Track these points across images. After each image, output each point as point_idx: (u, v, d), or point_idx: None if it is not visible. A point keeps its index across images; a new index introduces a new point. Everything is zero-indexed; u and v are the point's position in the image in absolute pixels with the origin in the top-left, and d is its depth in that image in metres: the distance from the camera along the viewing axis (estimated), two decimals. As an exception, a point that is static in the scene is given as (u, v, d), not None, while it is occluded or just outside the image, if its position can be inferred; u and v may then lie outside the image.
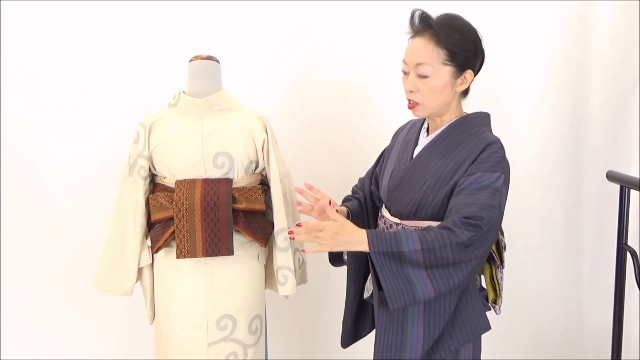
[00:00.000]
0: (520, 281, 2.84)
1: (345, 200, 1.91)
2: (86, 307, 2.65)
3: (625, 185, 2.23)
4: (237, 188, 1.96)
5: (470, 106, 2.71)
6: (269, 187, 2.03)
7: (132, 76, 2.56)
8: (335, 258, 1.86)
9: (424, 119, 1.76)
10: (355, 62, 2.63)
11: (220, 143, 1.95)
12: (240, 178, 1.99)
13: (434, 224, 1.57)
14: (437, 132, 1.69)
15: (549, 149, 2.76)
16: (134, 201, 2.00)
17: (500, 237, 1.74)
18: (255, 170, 2.03)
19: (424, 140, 1.72)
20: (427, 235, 1.48)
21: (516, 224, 2.81)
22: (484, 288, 1.73)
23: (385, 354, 1.65)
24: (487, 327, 1.65)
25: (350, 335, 1.91)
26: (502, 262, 1.73)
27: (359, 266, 1.82)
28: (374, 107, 2.67)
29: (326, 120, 2.68)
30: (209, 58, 2.01)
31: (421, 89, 1.61)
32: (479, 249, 1.52)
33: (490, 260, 1.72)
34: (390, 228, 1.70)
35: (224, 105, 1.98)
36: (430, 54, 1.58)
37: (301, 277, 2.13)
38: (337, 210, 1.69)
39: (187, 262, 1.96)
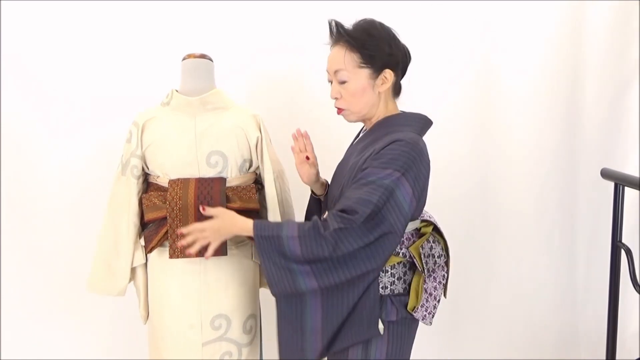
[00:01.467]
0: (515, 279, 2.85)
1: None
2: (79, 307, 2.65)
3: (620, 182, 2.23)
4: (230, 187, 1.96)
5: (466, 105, 2.72)
6: (262, 186, 2.02)
7: (125, 75, 2.56)
8: None
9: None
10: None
11: (214, 142, 1.94)
12: (234, 177, 1.98)
13: None
14: (363, 132, 1.77)
15: (543, 147, 2.76)
16: (127, 201, 1.99)
17: (431, 244, 1.72)
18: (249, 169, 2.02)
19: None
20: (305, 225, 1.54)
21: (511, 222, 2.82)
22: (407, 293, 1.71)
23: (286, 348, 1.68)
24: (375, 334, 1.64)
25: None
26: (424, 269, 1.70)
27: None
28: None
29: (320, 118, 2.67)
30: (202, 56, 2.00)
31: (343, 95, 1.69)
32: (354, 243, 1.51)
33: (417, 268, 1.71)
34: None
35: (218, 104, 1.97)
36: (344, 60, 1.66)
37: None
38: (317, 173, 1.83)
39: (181, 262, 1.95)
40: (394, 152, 1.56)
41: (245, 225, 1.62)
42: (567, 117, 2.76)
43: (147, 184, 2.04)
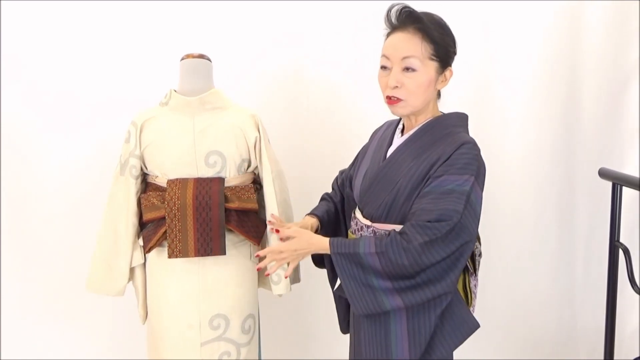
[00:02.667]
0: (513, 280, 2.85)
1: (322, 199, 1.91)
2: (78, 307, 2.64)
3: (618, 182, 2.24)
4: (229, 187, 1.96)
5: (463, 104, 2.71)
6: (261, 186, 2.02)
7: (123, 75, 2.56)
8: (317, 261, 1.85)
9: (399, 119, 1.73)
10: (347, 61, 2.63)
11: (212, 142, 1.94)
12: (233, 177, 1.98)
13: None
14: (411, 132, 1.65)
15: (541, 147, 2.76)
16: (125, 201, 1.99)
17: (477, 244, 1.69)
18: (247, 169, 2.02)
19: (398, 141, 1.68)
20: (382, 239, 1.49)
21: (508, 222, 2.82)
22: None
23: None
24: (476, 325, 1.63)
25: (347, 324, 1.88)
26: (475, 270, 1.70)
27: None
28: (366, 106, 2.66)
29: (318, 118, 2.68)
30: (201, 56, 2.00)
31: (406, 84, 1.56)
32: (440, 253, 1.47)
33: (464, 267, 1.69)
34: (362, 230, 1.67)
35: (216, 104, 1.97)
36: (418, 47, 1.55)
37: (295, 276, 2.13)
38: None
39: (180, 262, 1.95)
40: (467, 157, 1.52)
41: (321, 244, 1.57)
42: (565, 117, 2.76)
43: (146, 184, 2.04)
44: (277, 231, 1.63)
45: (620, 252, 2.22)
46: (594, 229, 2.81)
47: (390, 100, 1.59)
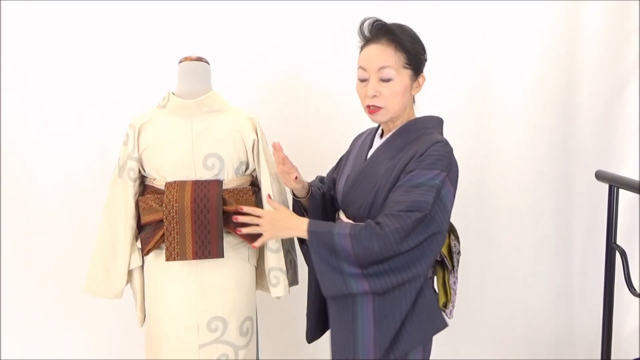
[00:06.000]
0: (511, 281, 2.85)
1: (316, 180, 1.98)
2: (77, 310, 2.64)
3: (614, 184, 2.24)
4: (227, 190, 1.96)
5: (461, 106, 2.73)
6: (259, 189, 2.03)
7: (122, 77, 2.56)
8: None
9: (379, 125, 1.81)
10: (345, 64, 2.62)
11: (210, 144, 1.94)
12: (231, 179, 1.98)
13: None
14: (389, 135, 1.73)
15: (538, 149, 2.77)
16: (123, 203, 1.99)
17: (454, 242, 1.76)
18: (245, 171, 2.03)
19: (377, 143, 1.77)
20: (358, 225, 1.56)
21: (506, 224, 2.82)
22: (436, 292, 1.75)
23: (340, 354, 1.67)
24: (443, 325, 1.68)
25: (316, 330, 1.92)
26: (453, 266, 1.75)
27: None
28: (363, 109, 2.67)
29: (316, 121, 2.69)
30: (199, 59, 2.00)
31: (384, 93, 1.65)
32: (409, 243, 1.53)
33: (442, 264, 1.74)
34: None
35: (214, 107, 1.97)
36: (392, 57, 1.63)
37: (293, 279, 2.13)
38: (296, 178, 1.79)
39: (178, 264, 1.95)
40: (438, 153, 1.59)
41: (300, 224, 1.65)
42: (562, 119, 2.77)
43: (144, 186, 2.04)
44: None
45: (617, 254, 2.22)
46: (591, 230, 2.81)
47: (370, 109, 1.69)
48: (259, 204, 2.03)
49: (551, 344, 2.89)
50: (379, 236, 1.52)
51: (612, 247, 2.25)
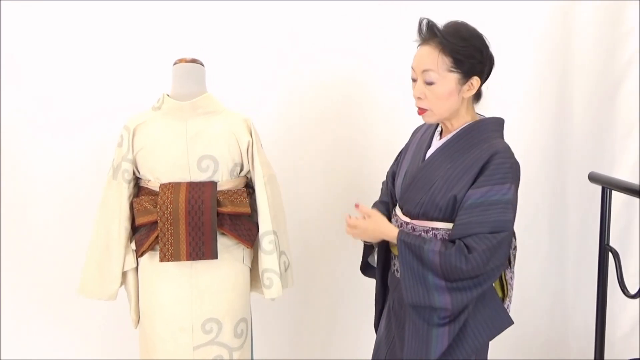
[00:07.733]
0: (505, 282, 2.86)
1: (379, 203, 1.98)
2: (72, 311, 2.63)
3: (607, 186, 2.25)
4: (221, 191, 1.96)
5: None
6: (253, 190, 2.03)
7: (117, 79, 2.55)
8: (365, 267, 1.95)
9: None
10: (341, 66, 2.64)
11: (205, 146, 1.95)
12: (225, 181, 1.98)
13: (441, 225, 1.66)
14: (449, 136, 1.73)
15: (531, 150, 2.77)
16: (118, 205, 1.99)
17: (512, 238, 1.79)
18: (240, 173, 2.03)
19: (436, 143, 1.76)
20: (448, 244, 1.60)
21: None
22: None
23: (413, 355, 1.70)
24: (509, 322, 1.74)
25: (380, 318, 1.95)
26: (510, 262, 1.78)
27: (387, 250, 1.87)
28: (359, 110, 2.68)
29: (311, 123, 2.68)
30: (194, 61, 2.01)
31: (428, 96, 1.65)
32: (497, 261, 1.60)
33: None
34: (401, 227, 1.74)
35: (208, 108, 1.98)
36: (435, 61, 1.62)
37: (287, 280, 2.13)
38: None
39: (172, 266, 1.95)
40: (505, 166, 1.62)
41: (390, 231, 1.69)
42: (555, 121, 2.77)
43: (138, 188, 2.04)
44: (357, 205, 1.75)
45: (610, 255, 2.23)
46: (584, 232, 2.82)
47: (419, 110, 1.70)
48: (253, 205, 2.03)
49: (544, 345, 2.89)
50: (467, 258, 1.56)
51: (605, 248, 2.27)
